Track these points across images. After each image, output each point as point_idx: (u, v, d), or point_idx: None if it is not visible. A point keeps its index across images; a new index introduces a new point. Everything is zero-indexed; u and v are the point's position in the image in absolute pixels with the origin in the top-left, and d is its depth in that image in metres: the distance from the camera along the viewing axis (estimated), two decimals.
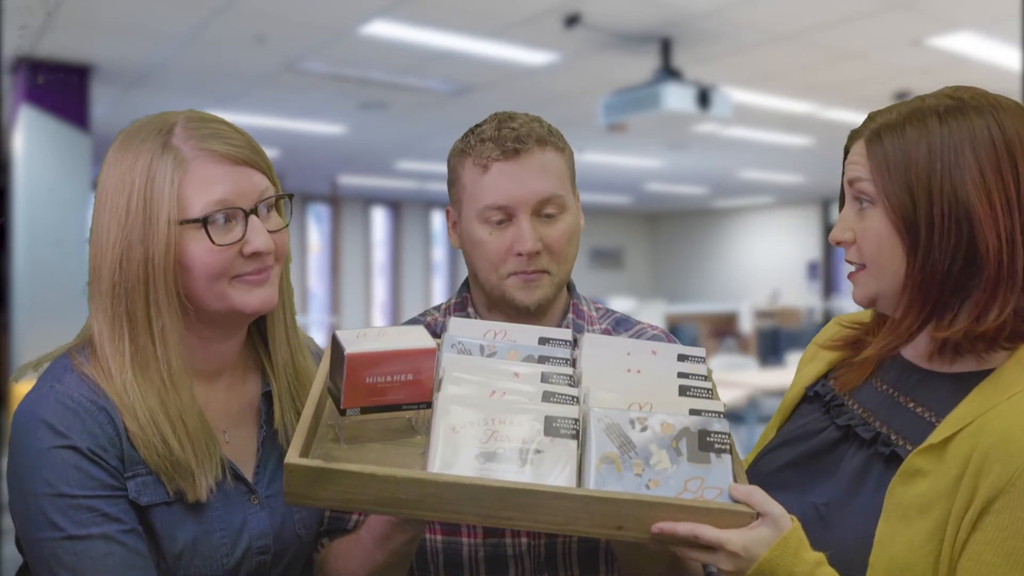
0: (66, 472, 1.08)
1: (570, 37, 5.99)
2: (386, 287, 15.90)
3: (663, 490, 1.05)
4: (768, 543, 1.00)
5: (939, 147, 1.05)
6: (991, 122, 1.06)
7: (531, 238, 1.32)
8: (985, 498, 1.01)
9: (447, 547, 1.34)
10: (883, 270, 1.11)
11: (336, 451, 1.11)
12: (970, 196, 1.04)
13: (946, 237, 1.05)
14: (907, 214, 1.06)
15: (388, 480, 1.00)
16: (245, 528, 1.21)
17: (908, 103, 1.12)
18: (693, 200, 16.66)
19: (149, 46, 6.23)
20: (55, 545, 1.08)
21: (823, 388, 1.27)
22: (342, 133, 9.59)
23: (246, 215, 1.17)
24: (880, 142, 1.09)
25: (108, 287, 1.15)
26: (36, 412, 1.11)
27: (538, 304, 1.36)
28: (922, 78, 6.93)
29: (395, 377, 1.09)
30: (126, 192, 1.14)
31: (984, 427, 1.04)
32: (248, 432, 1.28)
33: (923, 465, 1.06)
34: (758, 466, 1.27)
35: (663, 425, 1.08)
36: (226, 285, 1.17)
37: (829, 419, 1.22)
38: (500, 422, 1.07)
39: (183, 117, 1.19)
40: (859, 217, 1.13)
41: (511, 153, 1.32)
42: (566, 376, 1.17)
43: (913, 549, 1.03)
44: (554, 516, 1.02)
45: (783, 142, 10.14)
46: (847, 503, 1.13)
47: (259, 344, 1.32)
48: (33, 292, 6.48)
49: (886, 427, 1.15)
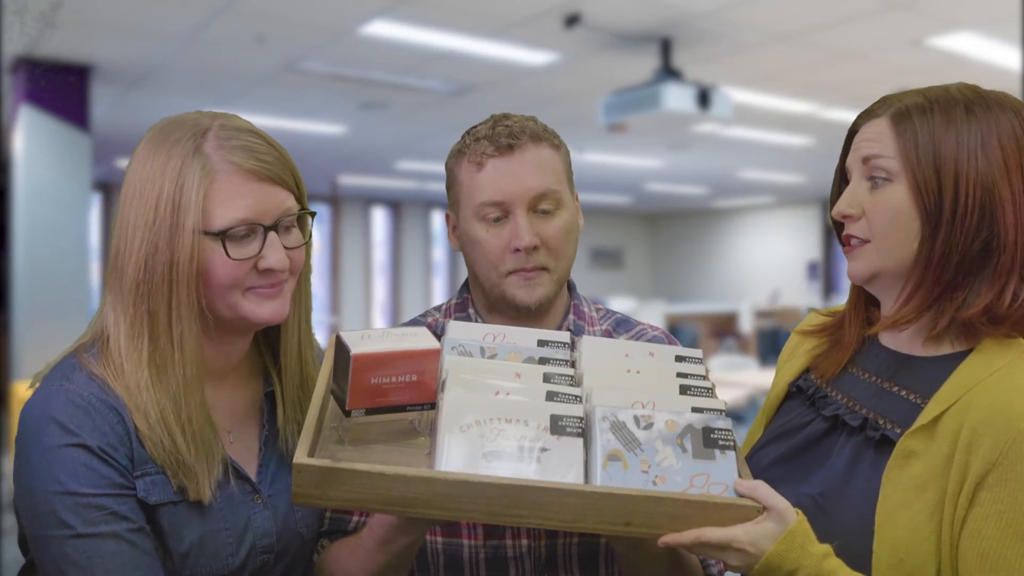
0: (76, 470, 1.09)
1: (570, 37, 5.99)
2: (386, 287, 15.90)
3: (669, 486, 1.05)
4: (775, 537, 1.02)
5: (968, 134, 1.10)
6: (1013, 117, 1.12)
7: (528, 233, 1.32)
8: (978, 473, 1.03)
9: (448, 548, 1.34)
10: (893, 246, 1.14)
11: (341, 453, 1.11)
12: (996, 183, 1.09)
13: (968, 219, 1.09)
14: (932, 193, 1.10)
15: (398, 479, 1.00)
16: (249, 527, 1.22)
17: (932, 90, 1.16)
18: (693, 200, 16.66)
19: (149, 46, 6.23)
20: (64, 543, 1.08)
21: (805, 382, 1.29)
22: (342, 133, 9.59)
23: (265, 231, 1.17)
24: (910, 121, 1.13)
25: (131, 286, 1.15)
26: (45, 410, 1.11)
27: (539, 303, 1.35)
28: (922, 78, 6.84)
29: (400, 378, 1.09)
30: (155, 194, 1.14)
31: (971, 404, 1.06)
32: (251, 432, 1.29)
33: (915, 446, 1.08)
34: (750, 464, 1.27)
35: (667, 423, 1.08)
36: (239, 296, 1.18)
37: (815, 411, 1.24)
38: (506, 421, 1.07)
39: (218, 123, 1.19)
40: (872, 194, 1.15)
41: (505, 149, 1.33)
42: (568, 376, 1.17)
43: (914, 531, 1.05)
44: (563, 513, 1.02)
45: (783, 142, 10.14)
46: (842, 491, 1.14)
47: (264, 346, 1.33)
48: (33, 292, 6.48)
49: (873, 413, 1.16)
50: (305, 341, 1.32)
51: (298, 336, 1.30)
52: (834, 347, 1.27)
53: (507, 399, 1.10)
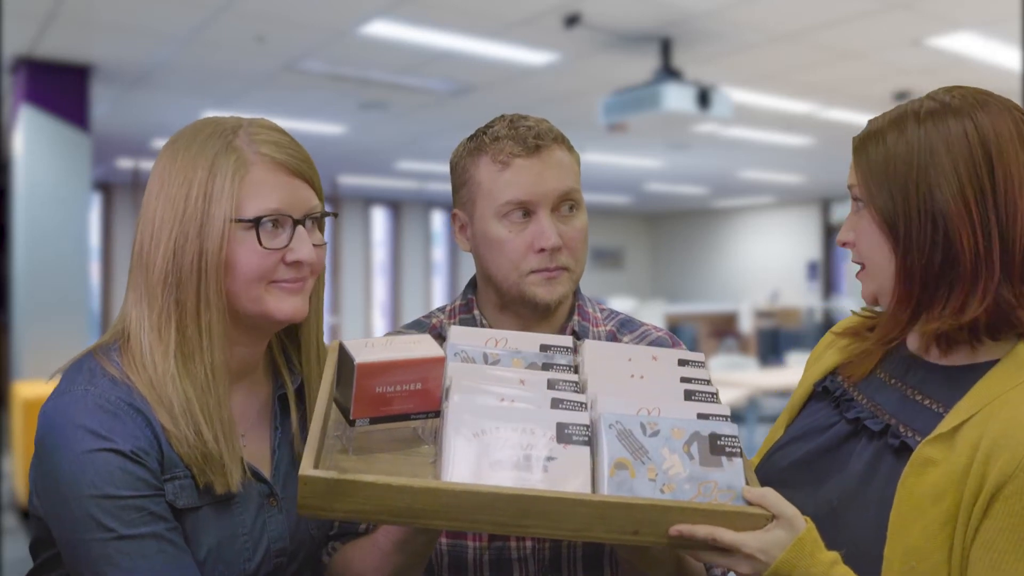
0: (111, 474, 1.08)
1: (570, 37, 5.99)
2: (386, 287, 15.91)
3: (677, 494, 1.05)
4: (784, 545, 1.02)
5: (916, 149, 1.11)
6: (967, 122, 1.10)
7: (553, 234, 1.32)
8: (994, 485, 1.02)
9: (452, 550, 1.33)
10: (877, 269, 1.16)
11: (345, 462, 1.10)
12: (944, 195, 1.09)
13: (922, 234, 1.10)
14: (888, 214, 1.12)
15: (405, 490, 1.00)
16: (265, 531, 1.22)
17: (896, 108, 1.17)
18: (693, 200, 16.66)
19: (149, 46, 6.23)
20: (106, 545, 1.08)
21: (832, 383, 1.29)
22: (342, 133, 9.59)
23: (294, 224, 1.19)
24: (864, 149, 1.16)
25: (159, 276, 1.15)
26: (72, 417, 1.10)
27: (558, 301, 1.36)
28: (922, 78, 6.93)
29: (404, 387, 1.08)
30: (186, 185, 1.15)
31: (991, 415, 1.06)
32: (263, 434, 1.29)
33: (934, 454, 1.07)
34: (768, 464, 1.28)
35: (674, 430, 1.08)
36: (263, 289, 1.18)
37: (838, 414, 1.24)
38: (512, 430, 1.06)
39: (247, 122, 1.22)
40: (857, 219, 1.18)
41: (532, 149, 1.33)
42: (572, 383, 1.17)
43: (928, 538, 1.05)
44: (571, 523, 1.02)
45: (783, 142, 10.15)
46: (858, 497, 1.14)
47: (277, 348, 1.33)
48: (33, 292, 6.48)
49: (895, 419, 1.16)
50: (320, 342, 1.34)
51: (316, 336, 1.32)
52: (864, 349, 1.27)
53: (512, 407, 1.09)
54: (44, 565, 1.20)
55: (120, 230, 13.11)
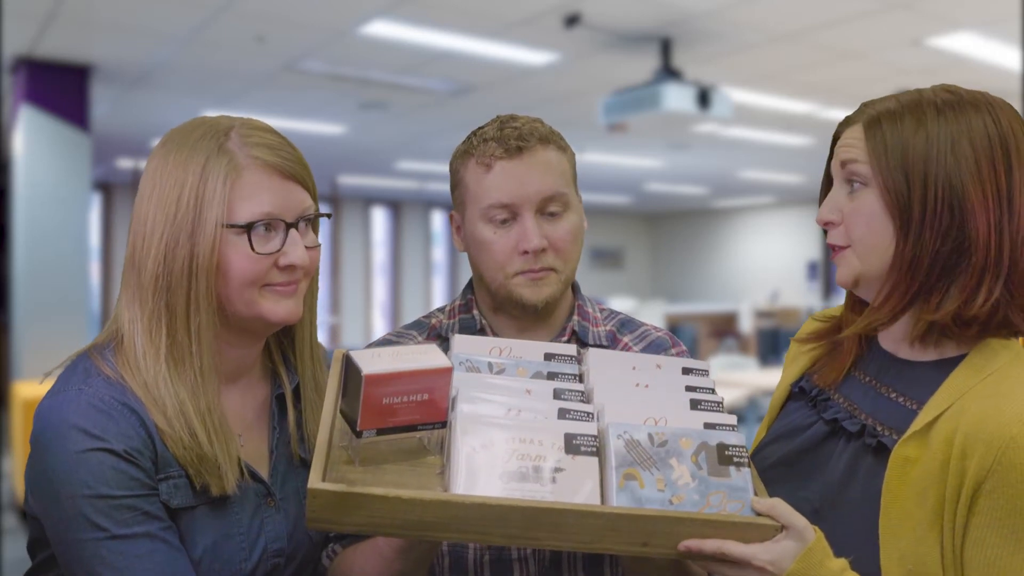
0: (104, 474, 1.08)
1: (570, 37, 5.99)
2: (386, 287, 15.90)
3: (686, 505, 1.04)
4: (794, 555, 1.02)
5: (937, 136, 1.10)
6: (987, 117, 1.11)
7: (536, 236, 1.32)
8: (975, 480, 1.02)
9: (453, 551, 1.33)
10: (870, 250, 1.14)
11: (352, 474, 1.09)
12: (965, 185, 1.08)
13: (938, 221, 1.09)
14: (901, 196, 1.10)
15: (415, 503, 0.99)
16: (262, 531, 1.22)
17: (906, 94, 1.16)
18: (693, 200, 16.66)
19: (149, 46, 6.23)
20: (99, 545, 1.08)
21: (807, 384, 1.29)
22: (342, 133, 9.59)
23: (287, 228, 1.18)
24: (879, 127, 1.13)
25: (150, 279, 1.15)
26: (66, 417, 1.10)
27: (545, 302, 1.35)
28: (922, 78, 6.88)
29: (410, 397, 1.08)
30: (178, 187, 1.14)
31: (963, 409, 1.06)
32: (260, 435, 1.28)
33: (911, 453, 1.07)
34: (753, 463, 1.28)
35: (682, 440, 1.08)
36: (256, 293, 1.18)
37: (816, 414, 1.24)
38: (519, 440, 1.06)
39: (239, 123, 1.20)
40: (849, 199, 1.16)
41: (514, 151, 1.33)
42: (578, 392, 1.16)
43: (919, 541, 1.05)
44: (580, 534, 1.01)
45: (783, 142, 10.14)
46: (840, 499, 1.14)
47: (274, 349, 1.33)
48: (33, 292, 6.48)
49: (871, 419, 1.16)
50: (314, 342, 1.33)
51: (310, 336, 1.32)
52: (834, 352, 1.27)
53: (519, 417, 1.09)
54: (42, 565, 1.20)
55: (120, 230, 13.11)
